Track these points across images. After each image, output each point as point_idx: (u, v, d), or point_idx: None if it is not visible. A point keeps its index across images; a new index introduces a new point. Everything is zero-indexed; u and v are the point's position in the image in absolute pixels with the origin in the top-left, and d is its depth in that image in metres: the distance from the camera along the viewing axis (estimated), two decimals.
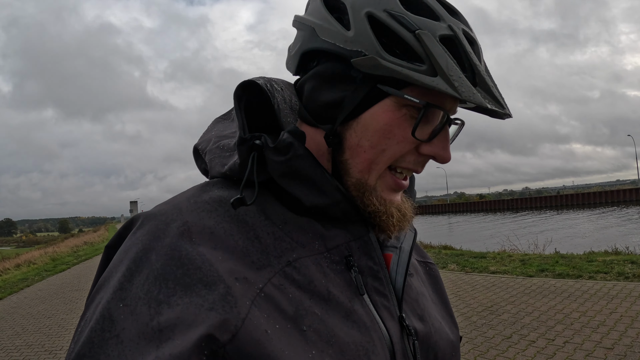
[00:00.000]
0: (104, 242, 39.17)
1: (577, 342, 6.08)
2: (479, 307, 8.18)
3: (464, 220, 64.16)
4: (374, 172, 0.80)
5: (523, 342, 6.31)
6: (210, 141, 0.93)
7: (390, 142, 0.78)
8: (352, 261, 0.81)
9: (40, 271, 19.84)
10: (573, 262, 11.26)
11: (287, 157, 0.77)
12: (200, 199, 0.79)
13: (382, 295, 0.82)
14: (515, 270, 11.17)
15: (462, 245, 18.33)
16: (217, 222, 0.75)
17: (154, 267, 0.67)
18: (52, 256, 26.71)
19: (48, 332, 8.94)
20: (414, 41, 0.74)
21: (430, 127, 0.79)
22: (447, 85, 0.72)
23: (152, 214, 0.76)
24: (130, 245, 0.72)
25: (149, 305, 0.63)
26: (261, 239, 0.76)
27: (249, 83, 0.84)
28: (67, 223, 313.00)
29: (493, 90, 0.76)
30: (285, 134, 0.78)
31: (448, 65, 0.73)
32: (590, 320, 6.94)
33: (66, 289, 14.24)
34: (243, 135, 0.79)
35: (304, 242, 0.79)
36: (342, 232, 0.83)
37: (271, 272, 0.72)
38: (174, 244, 0.69)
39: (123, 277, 0.67)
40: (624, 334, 6.22)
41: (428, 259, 1.13)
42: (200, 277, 0.66)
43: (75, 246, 35.40)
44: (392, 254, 0.89)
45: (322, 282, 0.76)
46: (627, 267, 9.98)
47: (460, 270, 11.99)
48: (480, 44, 0.82)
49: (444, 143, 0.81)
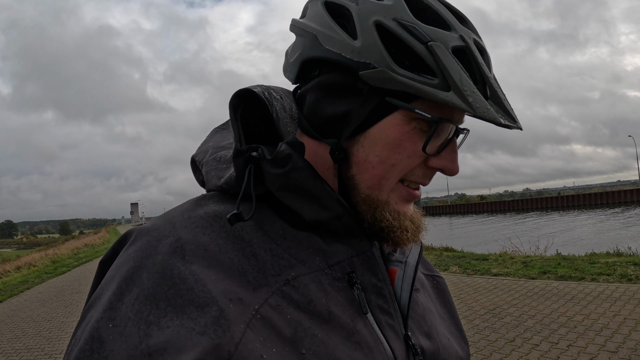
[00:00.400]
0: (104, 244, 39.28)
1: (581, 346, 6.06)
2: (482, 310, 8.16)
3: (465, 221, 64.32)
4: (384, 188, 0.77)
5: (526, 346, 6.28)
6: (207, 152, 0.89)
7: (400, 156, 0.75)
8: (354, 278, 0.77)
9: (41, 273, 19.89)
10: (575, 264, 11.25)
11: (286, 170, 0.74)
12: (194, 214, 0.76)
13: (386, 313, 0.78)
14: (518, 272, 11.15)
15: (463, 247, 18.33)
16: (212, 239, 0.71)
17: (145, 286, 0.64)
18: (52, 258, 26.77)
19: (48, 335, 8.93)
20: (426, 53, 0.71)
21: (438, 140, 0.76)
22: (461, 102, 0.69)
23: (145, 230, 0.73)
24: (122, 262, 0.69)
25: (138, 327, 0.61)
26: (258, 256, 0.72)
27: (245, 91, 0.81)
28: (68, 225, 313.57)
29: (505, 104, 0.73)
30: (283, 145, 0.75)
31: (462, 80, 0.70)
32: (594, 323, 6.92)
33: (66, 292, 14.25)
34: (239, 147, 0.76)
35: (303, 259, 0.76)
36: (344, 247, 0.80)
37: (268, 292, 0.69)
38: (166, 262, 0.66)
39: (113, 295, 0.65)
40: (628, 337, 6.19)
41: (435, 272, 1.09)
42: (192, 298, 0.63)
43: (76, 248, 35.51)
44: (397, 268, 0.86)
45: (323, 302, 0.72)
46: (630, 269, 9.96)
47: (462, 273, 11.97)
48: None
49: (452, 155, 0.78)
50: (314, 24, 0.79)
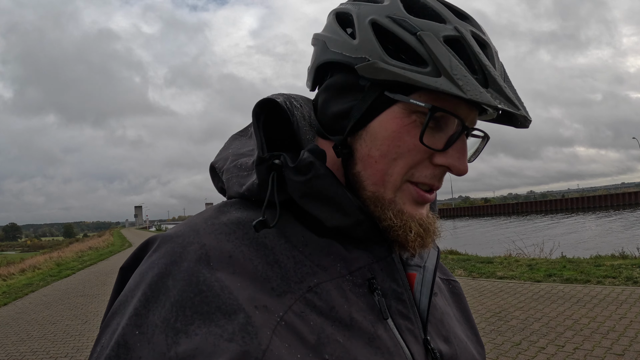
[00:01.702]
0: (108, 247, 39.35)
1: (587, 349, 6.04)
2: (487, 314, 8.14)
3: (469, 224, 64.20)
4: (389, 185, 0.77)
5: (533, 349, 6.26)
6: (228, 159, 0.90)
7: (401, 149, 0.75)
8: (375, 284, 0.78)
9: (45, 276, 19.91)
10: (581, 266, 11.23)
11: (308, 178, 0.75)
12: (218, 221, 0.76)
13: (406, 318, 0.79)
14: (523, 275, 11.13)
15: (468, 249, 18.30)
16: (236, 246, 0.72)
17: (171, 293, 0.64)
18: (56, 261, 26.79)
19: (53, 338, 8.93)
20: (416, 43, 0.73)
21: (445, 135, 0.76)
22: (452, 85, 0.70)
23: (168, 236, 0.73)
24: (146, 269, 0.69)
25: (166, 334, 0.61)
26: (281, 263, 0.73)
27: (268, 101, 0.81)
28: (72, 228, 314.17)
29: (506, 92, 0.73)
30: (305, 152, 0.76)
31: (452, 65, 0.71)
32: (600, 326, 6.90)
33: (71, 295, 14.26)
34: (262, 155, 0.76)
35: (325, 265, 0.76)
36: (364, 254, 0.81)
37: (292, 299, 0.69)
38: (192, 269, 0.66)
39: (139, 302, 0.65)
40: (634, 339, 6.18)
41: (451, 276, 1.09)
42: (219, 305, 0.63)
43: (80, 251, 35.55)
44: (416, 273, 0.86)
45: (344, 308, 0.72)
46: (636, 272, 9.95)
47: (468, 276, 11.96)
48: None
49: (460, 153, 0.77)
50: (325, 32, 0.84)
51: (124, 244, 42.70)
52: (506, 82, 0.77)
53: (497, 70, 0.75)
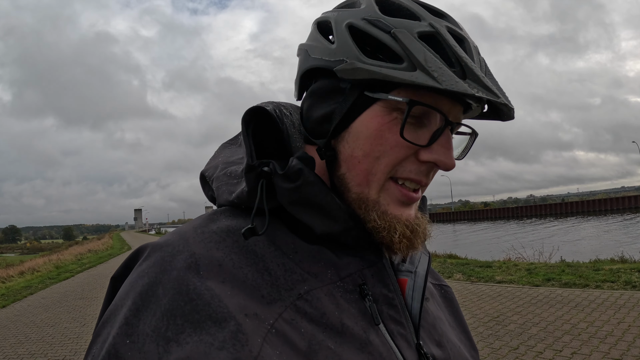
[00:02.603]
0: (108, 250, 39.35)
1: (585, 353, 6.04)
2: (485, 318, 8.14)
3: (468, 228, 64.20)
4: (373, 184, 0.78)
5: (530, 354, 6.26)
6: (217, 168, 0.91)
7: (383, 147, 0.76)
8: (366, 290, 0.78)
9: (44, 279, 19.90)
10: (579, 270, 11.23)
11: (297, 185, 0.76)
12: (207, 229, 0.76)
13: (398, 323, 0.79)
14: (522, 279, 11.13)
15: (467, 254, 18.31)
16: (226, 254, 0.72)
17: (162, 302, 0.65)
18: (56, 264, 26.78)
19: (51, 341, 8.93)
20: (391, 41, 0.74)
21: (428, 131, 0.77)
22: (427, 77, 0.71)
23: (158, 245, 0.74)
24: (136, 278, 0.70)
25: (157, 343, 0.61)
26: (271, 270, 0.73)
27: (257, 109, 0.82)
28: (72, 230, 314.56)
29: (484, 80, 0.73)
30: (294, 160, 0.77)
31: (426, 58, 0.72)
32: (598, 330, 6.90)
33: (70, 298, 14.26)
34: (251, 162, 0.77)
35: (315, 272, 0.76)
36: (355, 260, 0.81)
37: (282, 307, 0.69)
38: (182, 277, 0.67)
39: (129, 311, 0.65)
40: (632, 344, 6.18)
41: (443, 281, 1.10)
42: (210, 313, 0.63)
43: (80, 254, 35.55)
44: (408, 278, 0.86)
45: (335, 314, 0.72)
46: (635, 276, 9.95)
47: (466, 280, 11.95)
48: (481, 51, 0.80)
49: (445, 148, 0.77)
50: (308, 41, 0.87)
51: (123, 247, 42.67)
52: (487, 75, 0.77)
53: (476, 63, 0.76)
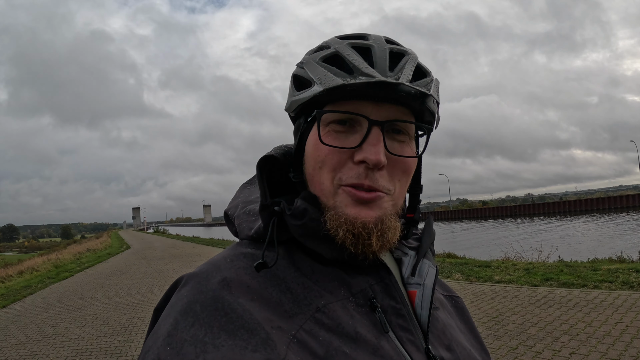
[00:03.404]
0: (107, 250, 39.20)
1: (583, 354, 6.08)
2: (485, 318, 8.18)
3: (467, 227, 64.13)
4: (325, 192, 0.87)
5: (529, 354, 6.30)
6: (238, 207, 1.04)
7: (320, 157, 0.87)
8: (375, 303, 0.87)
9: (43, 278, 19.81)
10: (577, 270, 11.27)
11: (304, 222, 0.87)
12: (235, 258, 0.87)
13: (406, 330, 0.87)
14: (520, 279, 11.17)
15: (465, 252, 18.30)
16: (253, 277, 0.82)
17: (200, 316, 0.73)
18: (55, 263, 26.71)
19: (52, 341, 8.92)
20: (304, 72, 0.90)
21: (360, 135, 0.85)
22: (318, 86, 0.85)
23: (194, 274, 0.83)
24: (176, 301, 0.78)
25: (195, 346, 0.68)
26: (292, 289, 0.83)
27: (269, 157, 0.95)
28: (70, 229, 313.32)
29: (368, 71, 0.84)
30: (299, 200, 0.89)
31: (318, 73, 0.87)
32: (596, 330, 6.95)
33: (70, 297, 14.23)
34: (264, 202, 0.90)
35: (331, 289, 0.86)
36: (365, 278, 0.91)
37: (302, 319, 0.78)
38: (217, 295, 0.76)
39: (170, 326, 0.72)
40: (630, 344, 6.22)
41: (453, 292, 1.18)
42: (242, 324, 0.72)
43: (78, 253, 35.43)
44: (417, 290, 0.95)
45: (350, 324, 0.81)
46: (632, 276, 9.99)
47: (465, 280, 11.99)
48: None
49: (371, 145, 0.84)
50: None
51: (122, 246, 42.44)
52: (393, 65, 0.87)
53: (378, 61, 0.86)
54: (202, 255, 25.39)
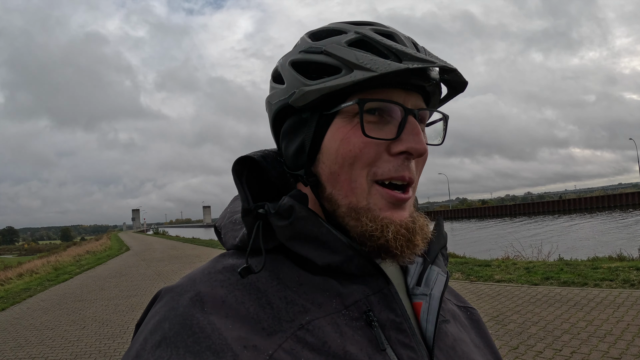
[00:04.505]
0: (106, 252, 39.25)
1: (584, 352, 6.07)
2: (485, 317, 8.15)
3: (467, 226, 64.20)
4: (358, 191, 0.80)
5: (530, 353, 6.29)
6: (225, 217, 0.98)
7: (353, 152, 0.79)
8: (371, 316, 0.78)
9: (43, 281, 19.84)
10: (578, 269, 11.26)
11: (290, 221, 0.79)
12: (213, 270, 0.81)
13: (408, 347, 0.78)
14: (520, 278, 11.16)
15: (465, 252, 18.30)
16: (229, 291, 0.76)
17: (167, 335, 0.69)
18: (54, 265, 26.73)
19: (51, 344, 8.92)
20: (326, 58, 0.81)
21: (394, 126, 0.80)
22: (364, 72, 0.76)
23: (170, 288, 0.79)
24: (149, 318, 0.75)
25: None
26: (273, 304, 0.76)
27: (246, 158, 0.89)
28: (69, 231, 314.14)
29: (418, 55, 0.78)
30: (285, 198, 0.81)
31: (357, 57, 0.78)
32: (597, 329, 6.93)
33: (69, 300, 14.25)
34: (246, 206, 0.82)
35: (320, 302, 0.78)
36: (360, 287, 0.82)
37: (282, 337, 0.71)
38: (186, 313, 0.71)
39: (139, 345, 0.70)
40: (631, 343, 6.21)
41: (468, 304, 1.09)
42: (209, 344, 0.67)
43: (78, 255, 35.46)
44: (422, 302, 0.87)
45: (338, 342, 0.73)
46: (633, 274, 9.98)
47: (465, 279, 11.98)
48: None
49: (413, 135, 0.79)
50: (268, 94, 0.93)
51: (121, 248, 42.56)
52: (427, 53, 0.82)
53: (410, 47, 0.81)
54: (202, 256, 25.35)
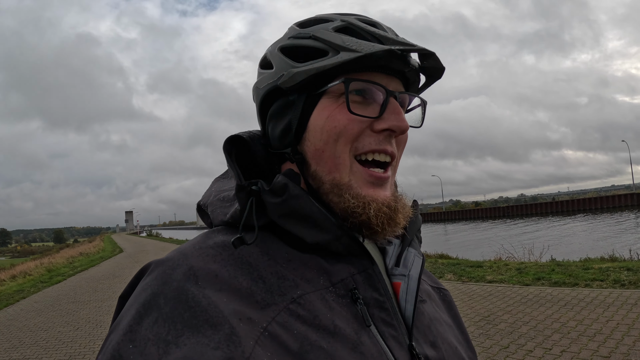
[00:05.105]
0: (99, 253, 39.06)
1: (574, 351, 6.12)
2: (476, 317, 8.21)
3: (460, 228, 64.16)
4: (341, 167, 0.84)
5: (520, 352, 6.34)
6: (211, 196, 0.98)
7: (338, 128, 0.84)
8: (357, 294, 0.81)
9: (36, 282, 19.76)
10: (569, 269, 11.30)
11: (283, 198, 0.82)
12: (204, 245, 0.82)
13: (389, 325, 0.82)
14: (512, 279, 11.21)
15: (458, 253, 18.34)
16: (222, 266, 0.77)
17: (163, 310, 0.69)
18: (47, 267, 26.61)
19: (45, 345, 8.91)
20: (314, 42, 0.86)
21: (377, 105, 0.85)
22: (349, 52, 0.81)
23: (160, 261, 0.79)
24: (140, 291, 0.74)
25: (157, 346, 0.65)
26: (265, 279, 0.78)
27: (236, 137, 0.92)
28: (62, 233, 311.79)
29: (399, 39, 0.84)
30: (279, 176, 0.84)
31: (344, 40, 0.83)
32: (587, 328, 6.98)
33: (62, 301, 14.21)
34: (240, 183, 0.84)
35: (308, 279, 0.81)
36: (346, 266, 0.85)
37: (275, 311, 0.74)
38: (181, 287, 0.71)
39: (132, 319, 0.69)
40: (621, 342, 6.26)
41: (441, 285, 1.14)
42: (207, 318, 0.68)
43: (71, 257, 35.27)
44: (401, 282, 0.89)
45: (328, 316, 0.76)
46: (623, 275, 10.03)
47: (457, 280, 12.02)
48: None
49: (395, 114, 0.85)
50: (256, 81, 0.97)
51: (114, 250, 42.32)
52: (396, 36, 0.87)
53: (391, 35, 0.86)
54: None
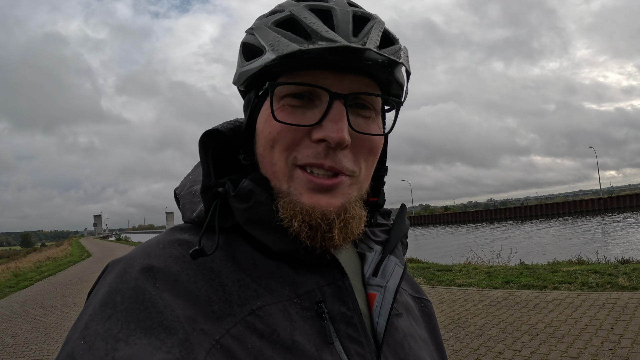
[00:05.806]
0: (67, 258, 38.47)
1: (543, 353, 6.21)
2: (446, 320, 8.27)
3: (429, 232, 64.54)
4: (279, 174, 0.78)
5: (490, 354, 6.41)
6: (185, 186, 0.94)
7: (272, 135, 0.77)
8: (322, 308, 0.77)
9: (3, 288, 19.36)
10: (538, 273, 11.49)
11: (249, 205, 0.78)
12: (168, 244, 0.79)
13: (356, 342, 0.77)
14: (481, 282, 11.34)
15: (428, 257, 18.45)
16: (183, 269, 0.74)
17: (119, 308, 0.66)
18: (14, 272, 26.11)
19: (12, 351, 8.74)
20: (254, 39, 0.80)
21: (319, 111, 0.76)
22: (271, 53, 0.75)
23: (122, 259, 0.76)
24: (99, 288, 0.72)
25: (106, 342, 0.62)
26: (226, 286, 0.74)
27: (214, 131, 0.85)
28: (29, 237, 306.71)
29: (328, 35, 0.73)
30: (245, 181, 0.79)
31: (270, 38, 0.76)
32: (556, 330, 7.10)
33: (29, 307, 13.94)
34: (207, 182, 0.81)
35: (272, 288, 0.77)
36: (315, 277, 0.81)
37: (231, 322, 0.70)
38: (139, 287, 0.69)
39: (88, 317, 0.67)
40: (589, 342, 6.37)
41: (423, 295, 1.07)
42: (161, 321, 0.65)
43: (38, 261, 34.66)
44: (377, 293, 0.85)
45: (287, 331, 0.72)
46: (591, 277, 10.23)
47: (427, 284, 12.10)
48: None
49: (333, 122, 0.74)
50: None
51: (83, 254, 41.69)
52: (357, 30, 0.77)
53: (340, 24, 0.76)
54: None
